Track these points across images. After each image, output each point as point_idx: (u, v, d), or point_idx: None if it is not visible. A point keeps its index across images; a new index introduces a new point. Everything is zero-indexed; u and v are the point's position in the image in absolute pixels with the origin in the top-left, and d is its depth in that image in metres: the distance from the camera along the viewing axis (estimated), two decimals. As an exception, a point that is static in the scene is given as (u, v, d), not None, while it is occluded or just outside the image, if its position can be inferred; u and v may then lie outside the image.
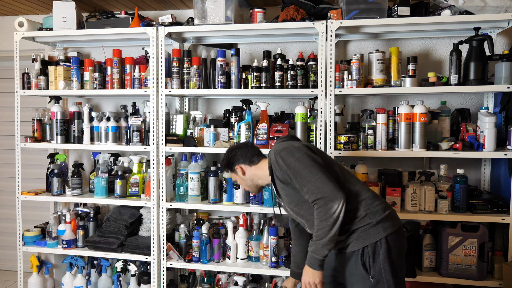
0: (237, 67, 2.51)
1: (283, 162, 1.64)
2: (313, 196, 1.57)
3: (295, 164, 1.61)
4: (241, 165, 1.87)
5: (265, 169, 1.82)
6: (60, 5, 2.70)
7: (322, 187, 1.55)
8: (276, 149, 1.70)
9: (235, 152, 1.89)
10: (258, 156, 1.89)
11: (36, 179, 3.27)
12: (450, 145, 2.30)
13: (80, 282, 2.81)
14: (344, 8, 2.37)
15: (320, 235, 1.56)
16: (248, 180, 1.89)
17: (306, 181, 1.58)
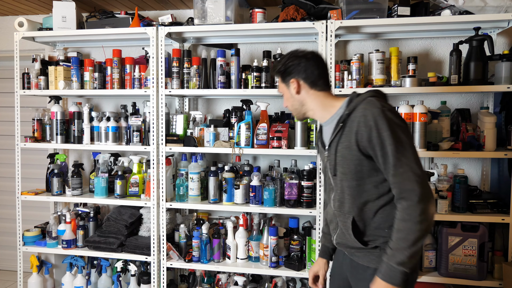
0: (237, 67, 2.51)
1: (386, 124, 1.28)
2: (410, 185, 1.25)
3: (401, 137, 1.28)
4: (300, 81, 1.49)
5: (327, 106, 1.49)
6: (60, 5, 2.71)
7: (424, 178, 1.26)
8: (377, 104, 1.32)
9: (300, 61, 1.48)
10: (325, 83, 1.50)
11: (36, 179, 3.27)
12: (450, 145, 2.30)
13: (80, 282, 2.81)
14: (344, 8, 2.37)
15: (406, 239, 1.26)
16: (297, 103, 1.53)
17: (405, 164, 1.26)
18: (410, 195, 1.26)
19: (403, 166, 1.27)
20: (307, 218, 2.72)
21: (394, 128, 1.28)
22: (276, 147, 2.44)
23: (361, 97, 1.40)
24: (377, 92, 1.44)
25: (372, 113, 1.31)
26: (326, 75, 1.51)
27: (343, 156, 1.40)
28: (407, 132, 1.31)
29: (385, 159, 1.30)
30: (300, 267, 2.44)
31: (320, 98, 1.50)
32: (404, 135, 1.29)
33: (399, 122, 1.31)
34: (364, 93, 1.43)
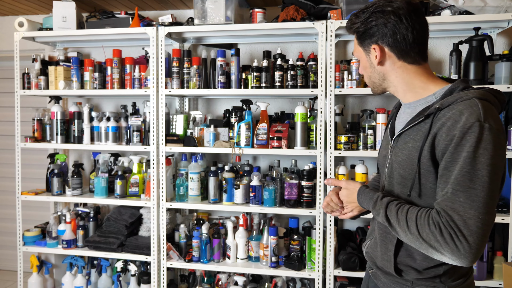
0: (237, 67, 2.51)
1: (474, 142, 0.95)
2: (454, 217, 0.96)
3: (483, 170, 0.95)
4: (385, 48, 1.11)
5: (416, 86, 1.12)
6: (60, 5, 2.70)
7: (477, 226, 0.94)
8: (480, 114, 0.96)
9: (387, 19, 1.08)
10: (420, 54, 1.10)
11: (36, 179, 3.27)
12: (450, 145, 2.30)
13: (80, 282, 2.81)
14: (344, 8, 2.37)
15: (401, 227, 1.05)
16: (377, 76, 1.17)
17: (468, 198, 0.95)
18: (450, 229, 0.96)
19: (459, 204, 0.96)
20: (307, 218, 2.72)
21: (480, 154, 0.94)
22: (276, 147, 2.44)
23: (466, 93, 1.02)
24: (494, 95, 1.05)
25: (466, 121, 0.96)
26: (424, 42, 1.09)
27: (409, 157, 1.09)
28: (494, 168, 0.95)
29: (445, 179, 1.00)
30: (300, 267, 2.44)
31: (410, 74, 1.11)
32: (488, 169, 0.94)
33: (494, 150, 0.95)
34: (475, 89, 1.04)
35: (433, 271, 1.10)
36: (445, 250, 0.97)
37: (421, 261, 1.11)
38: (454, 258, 0.97)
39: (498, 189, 0.98)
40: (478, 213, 0.94)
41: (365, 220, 2.74)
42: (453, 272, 1.11)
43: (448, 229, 0.96)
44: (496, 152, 0.95)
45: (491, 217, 0.95)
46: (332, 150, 2.37)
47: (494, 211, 0.97)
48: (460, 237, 0.95)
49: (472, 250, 0.95)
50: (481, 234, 0.94)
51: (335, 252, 2.42)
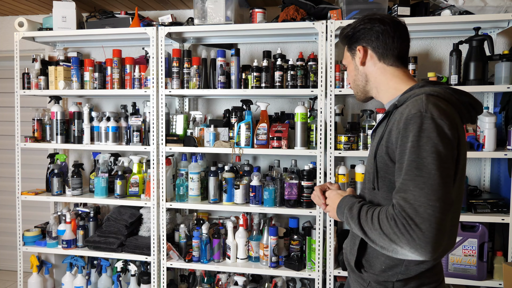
0: (237, 67, 2.51)
1: (415, 133, 1.00)
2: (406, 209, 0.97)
3: (428, 158, 0.98)
4: (369, 49, 1.22)
5: (391, 87, 1.21)
6: (60, 5, 2.70)
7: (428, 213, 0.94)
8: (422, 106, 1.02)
9: (373, 25, 1.20)
10: (399, 58, 1.21)
11: (36, 179, 3.27)
12: (450, 145, 2.30)
13: (80, 282, 2.81)
14: (344, 8, 2.37)
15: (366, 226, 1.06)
16: (361, 77, 1.26)
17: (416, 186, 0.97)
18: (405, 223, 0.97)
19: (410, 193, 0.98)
20: (307, 218, 2.72)
21: (423, 143, 0.98)
22: (276, 147, 2.44)
23: (419, 90, 1.10)
24: (445, 91, 1.10)
25: (409, 115, 1.03)
26: (404, 48, 1.21)
27: (371, 154, 1.17)
28: (440, 155, 0.97)
29: (399, 172, 1.03)
30: (300, 267, 2.44)
31: (387, 75, 1.21)
32: (433, 156, 0.97)
33: (438, 138, 0.98)
34: (430, 86, 1.12)
35: (388, 275, 1.12)
36: (402, 242, 0.97)
37: (379, 263, 1.14)
38: (413, 250, 0.96)
39: (450, 177, 0.99)
40: (427, 200, 0.95)
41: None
42: (409, 281, 1.12)
43: (401, 220, 0.97)
44: (441, 141, 0.98)
45: (445, 204, 0.95)
46: (332, 150, 2.37)
47: (450, 199, 0.97)
48: (412, 226, 0.95)
49: (427, 238, 0.94)
50: (434, 221, 0.94)
51: (335, 252, 2.42)
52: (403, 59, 1.21)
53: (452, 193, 0.99)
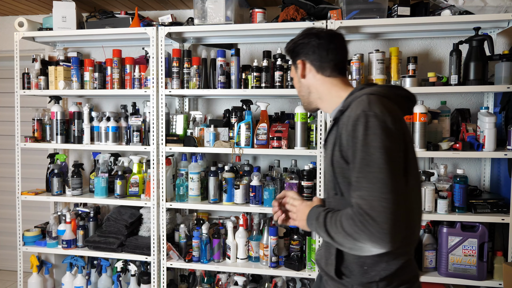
0: (237, 67, 2.51)
1: (362, 132, 1.05)
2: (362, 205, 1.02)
3: (375, 153, 1.02)
4: (307, 63, 1.29)
5: (333, 96, 1.27)
6: (60, 5, 2.70)
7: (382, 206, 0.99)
8: (364, 106, 1.08)
9: (310, 39, 1.27)
10: (336, 68, 1.27)
11: (36, 179, 3.27)
12: (450, 145, 2.30)
13: (80, 282, 2.81)
14: (344, 8, 2.37)
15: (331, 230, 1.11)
16: (304, 89, 1.33)
17: (369, 182, 1.02)
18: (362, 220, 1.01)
19: (363, 190, 1.02)
20: (307, 218, 2.72)
21: (370, 140, 1.03)
22: (276, 147, 2.44)
23: (360, 92, 1.17)
24: (383, 89, 1.18)
25: (355, 116, 1.08)
26: (340, 59, 1.27)
27: (328, 162, 1.20)
28: (388, 150, 1.02)
29: (352, 173, 1.07)
30: (300, 267, 2.44)
31: (327, 85, 1.27)
32: (381, 151, 1.02)
33: (384, 134, 1.03)
34: (369, 87, 1.19)
35: (371, 276, 1.14)
36: (363, 238, 1.01)
37: (359, 265, 1.15)
38: (374, 243, 1.01)
39: (399, 169, 1.04)
40: (380, 193, 1.00)
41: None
42: (392, 278, 1.14)
43: (359, 217, 1.01)
44: (387, 136, 1.03)
45: (398, 196, 1.00)
46: (332, 150, 2.37)
47: (401, 189, 1.02)
48: (369, 221, 0.99)
49: (384, 230, 0.98)
50: (390, 213, 0.99)
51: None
52: (340, 68, 1.28)
53: (403, 183, 1.05)
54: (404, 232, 1.03)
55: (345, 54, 1.29)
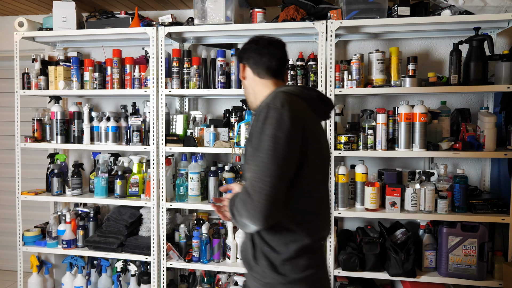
0: (237, 67, 2.51)
1: (261, 121, 1.18)
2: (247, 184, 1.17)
3: (265, 140, 1.15)
4: (246, 66, 1.43)
5: (263, 96, 1.37)
6: (60, 5, 2.71)
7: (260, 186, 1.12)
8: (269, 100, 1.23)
9: (250, 45, 1.41)
10: (270, 72, 1.39)
11: (36, 179, 3.27)
12: (450, 145, 2.30)
13: (80, 282, 2.81)
14: (344, 8, 2.37)
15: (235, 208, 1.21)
16: (246, 89, 1.48)
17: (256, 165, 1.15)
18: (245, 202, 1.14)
19: (251, 171, 1.14)
20: (307, 218, 2.72)
21: (265, 129, 1.16)
22: (276, 147, 2.44)
23: (275, 90, 1.31)
24: (296, 88, 1.31)
25: (260, 108, 1.23)
26: (273, 63, 1.38)
27: (246, 145, 1.30)
28: (277, 138, 1.14)
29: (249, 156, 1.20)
30: (300, 267, 2.43)
31: (261, 86, 1.40)
32: (270, 139, 1.14)
33: (277, 125, 1.15)
34: (284, 87, 1.34)
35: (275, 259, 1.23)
36: (243, 214, 1.14)
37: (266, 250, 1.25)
38: (249, 220, 1.14)
39: (286, 157, 1.15)
40: (261, 175, 1.12)
41: (365, 220, 2.74)
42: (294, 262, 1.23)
43: (243, 195, 1.15)
44: (280, 127, 1.15)
45: (277, 180, 1.12)
46: (332, 150, 2.37)
47: (283, 177, 1.14)
48: (248, 198, 1.13)
49: (257, 208, 1.11)
50: (265, 194, 1.11)
51: (335, 252, 2.42)
52: (273, 71, 1.39)
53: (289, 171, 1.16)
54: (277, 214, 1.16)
55: (279, 59, 1.39)
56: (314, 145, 1.23)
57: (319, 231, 1.30)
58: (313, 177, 1.24)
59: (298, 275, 1.23)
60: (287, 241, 1.23)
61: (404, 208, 2.38)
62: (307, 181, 1.23)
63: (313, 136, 1.23)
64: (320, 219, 1.30)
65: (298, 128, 1.18)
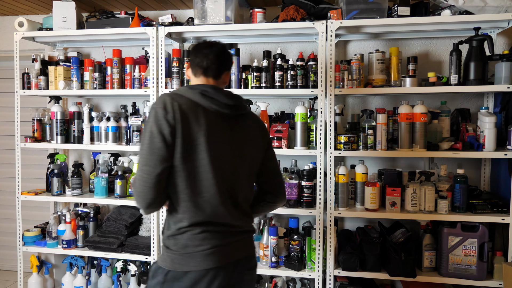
0: (237, 67, 2.51)
1: (147, 120, 1.40)
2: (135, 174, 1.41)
3: (144, 135, 1.38)
4: (189, 64, 1.56)
5: None
6: (60, 5, 2.71)
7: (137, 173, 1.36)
8: (157, 101, 1.41)
9: (195, 48, 1.54)
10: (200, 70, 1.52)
11: (36, 179, 3.27)
12: (450, 145, 2.30)
13: (80, 282, 2.81)
14: (344, 8, 2.37)
15: None
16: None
17: (139, 157, 1.37)
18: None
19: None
20: (307, 218, 2.72)
21: (145, 126, 1.39)
22: (276, 147, 2.44)
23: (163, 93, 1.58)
24: (183, 88, 1.48)
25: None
26: (204, 64, 1.50)
27: None
28: (152, 133, 1.34)
29: None
30: (300, 267, 2.44)
31: (194, 83, 1.54)
32: (147, 134, 1.36)
33: (152, 122, 1.36)
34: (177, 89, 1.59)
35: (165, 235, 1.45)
36: (134, 200, 1.38)
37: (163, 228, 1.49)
38: (136, 205, 1.40)
39: (159, 147, 1.33)
40: (141, 165, 1.35)
41: (365, 220, 2.74)
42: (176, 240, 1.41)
43: (132, 185, 1.41)
44: (155, 124, 1.35)
45: (150, 168, 1.33)
46: (332, 150, 2.37)
47: (155, 164, 1.33)
48: (134, 187, 1.37)
49: (136, 193, 1.36)
50: (141, 179, 1.34)
51: (335, 252, 2.42)
52: (205, 70, 1.50)
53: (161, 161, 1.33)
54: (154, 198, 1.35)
55: (211, 60, 1.49)
56: (192, 135, 1.37)
57: (201, 215, 1.40)
58: (193, 163, 1.37)
59: (179, 251, 1.40)
60: (172, 221, 1.43)
61: (404, 208, 2.38)
62: (186, 166, 1.36)
63: (188, 126, 1.37)
64: (203, 204, 1.39)
65: (170, 123, 1.35)
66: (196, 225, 1.40)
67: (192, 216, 1.39)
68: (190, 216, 1.39)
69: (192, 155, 1.37)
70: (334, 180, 2.41)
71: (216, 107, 1.43)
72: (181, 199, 1.38)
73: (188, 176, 1.37)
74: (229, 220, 1.44)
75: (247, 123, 1.53)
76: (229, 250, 1.43)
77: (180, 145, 1.35)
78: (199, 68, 1.51)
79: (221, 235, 1.43)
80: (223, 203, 1.41)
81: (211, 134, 1.39)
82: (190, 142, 1.37)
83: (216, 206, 1.40)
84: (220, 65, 1.51)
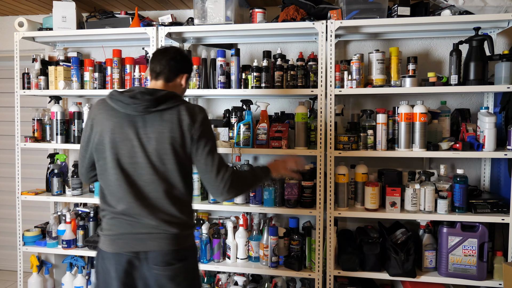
0: (237, 67, 2.51)
1: None
2: None
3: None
4: None
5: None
6: (60, 5, 2.71)
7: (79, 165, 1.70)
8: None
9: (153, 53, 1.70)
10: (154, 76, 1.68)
11: (36, 179, 3.27)
12: (450, 145, 2.30)
13: (80, 282, 2.81)
14: (344, 8, 2.37)
15: None
16: None
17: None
18: None
19: None
20: (307, 218, 2.72)
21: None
22: (276, 147, 2.44)
23: None
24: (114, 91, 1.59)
25: None
26: (154, 68, 1.65)
27: None
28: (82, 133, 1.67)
29: None
30: (300, 267, 2.44)
31: (152, 86, 1.66)
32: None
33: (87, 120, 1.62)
34: None
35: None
36: None
37: None
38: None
39: (84, 142, 1.62)
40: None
41: (365, 220, 2.74)
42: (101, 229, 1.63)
43: None
44: (85, 123, 1.65)
45: (82, 160, 1.66)
46: (332, 150, 2.37)
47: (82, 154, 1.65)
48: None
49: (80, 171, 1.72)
50: (79, 167, 1.70)
51: (335, 252, 2.42)
52: (157, 74, 1.64)
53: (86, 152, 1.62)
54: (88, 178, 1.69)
55: (162, 65, 1.62)
56: (99, 135, 1.56)
57: (110, 206, 1.57)
58: (101, 160, 1.57)
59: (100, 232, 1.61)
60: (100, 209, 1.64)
61: (404, 208, 2.38)
62: (98, 163, 1.59)
63: (97, 125, 1.57)
64: (109, 197, 1.57)
65: (89, 123, 1.59)
66: (108, 214, 1.60)
67: (105, 206, 1.60)
68: (103, 206, 1.61)
69: (103, 153, 1.56)
70: (334, 180, 2.41)
71: (120, 108, 1.55)
72: (101, 190, 1.62)
73: (99, 169, 1.61)
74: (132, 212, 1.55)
75: (163, 119, 1.53)
76: (130, 241, 1.54)
77: (95, 143, 1.58)
78: (153, 72, 1.65)
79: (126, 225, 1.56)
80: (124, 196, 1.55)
81: (114, 133, 1.54)
82: (93, 141, 1.59)
83: (119, 198, 1.55)
84: (171, 70, 1.63)
